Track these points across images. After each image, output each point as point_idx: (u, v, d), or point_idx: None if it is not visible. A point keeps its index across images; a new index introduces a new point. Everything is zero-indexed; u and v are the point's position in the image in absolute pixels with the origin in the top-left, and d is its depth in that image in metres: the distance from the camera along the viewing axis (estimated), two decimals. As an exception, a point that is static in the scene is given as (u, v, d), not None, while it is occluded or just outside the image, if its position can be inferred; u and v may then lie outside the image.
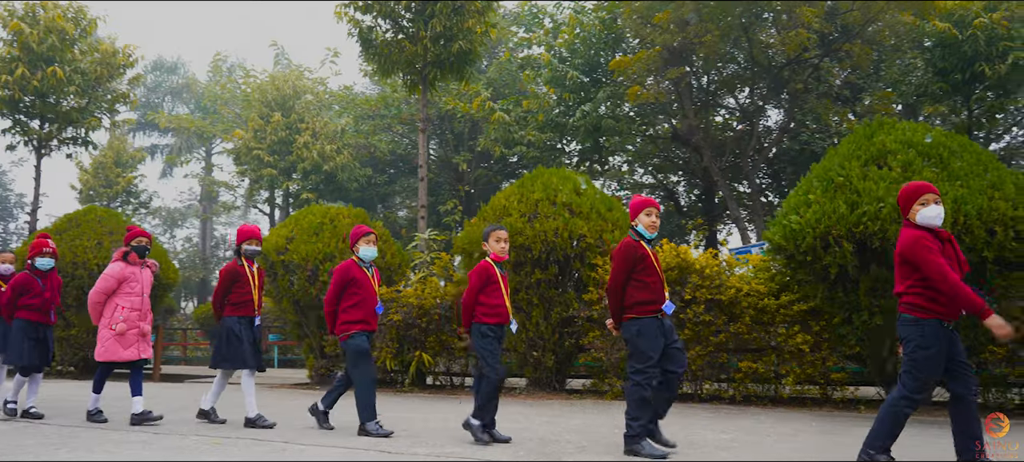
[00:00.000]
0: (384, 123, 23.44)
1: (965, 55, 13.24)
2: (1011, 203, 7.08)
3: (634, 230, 5.19)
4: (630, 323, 4.99)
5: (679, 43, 13.89)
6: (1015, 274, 7.30)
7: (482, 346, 5.52)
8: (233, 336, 6.36)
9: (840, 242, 7.40)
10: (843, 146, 8.25)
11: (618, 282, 5.03)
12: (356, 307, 5.95)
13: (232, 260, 6.62)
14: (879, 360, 7.97)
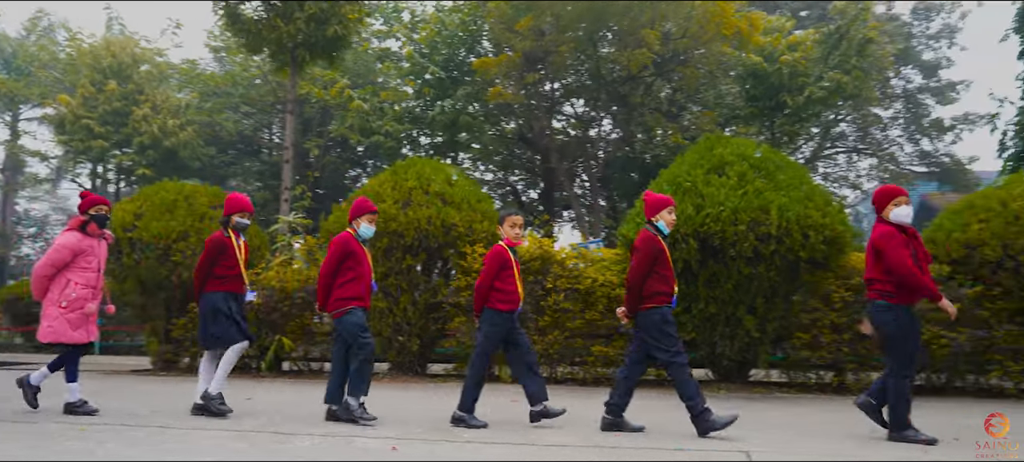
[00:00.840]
0: (231, 102, 21.90)
1: (772, 86, 14.88)
2: (821, 212, 8.08)
3: (653, 225, 5.30)
4: (651, 312, 5.10)
5: (536, 50, 14.33)
6: (820, 272, 8.35)
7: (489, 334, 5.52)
8: (220, 313, 5.76)
9: (687, 239, 8.04)
10: (688, 156, 8.95)
11: (641, 274, 5.10)
12: (353, 282, 5.54)
13: (218, 231, 6.00)
14: (710, 345, 8.73)
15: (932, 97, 24.88)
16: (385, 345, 9.87)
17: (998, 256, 8.11)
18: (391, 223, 8.84)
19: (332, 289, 5.57)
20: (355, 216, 5.76)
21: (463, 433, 5.25)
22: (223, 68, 23.93)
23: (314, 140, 20.52)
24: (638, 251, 5.19)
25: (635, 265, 5.17)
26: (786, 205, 7.89)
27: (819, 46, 14.61)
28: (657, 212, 5.30)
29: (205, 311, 5.84)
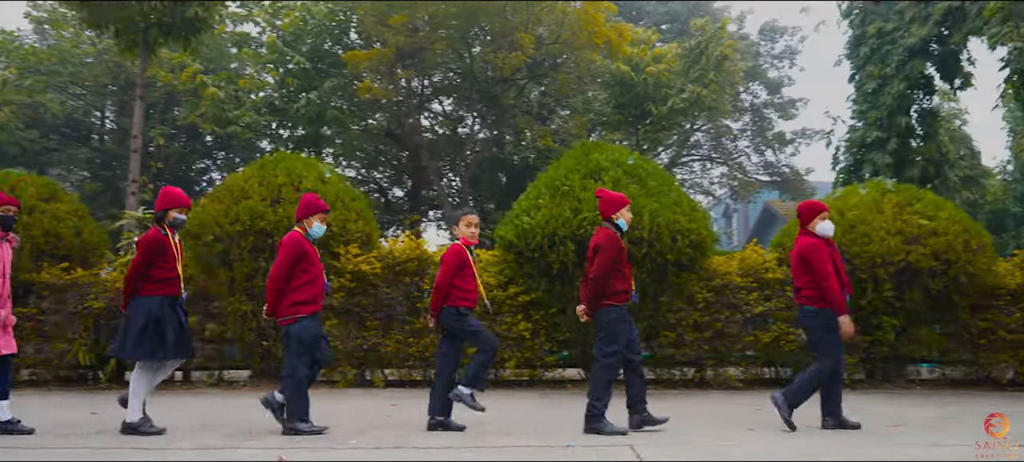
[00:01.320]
0: (58, 81, 19.86)
1: (638, 95, 15.82)
2: (687, 217, 8.72)
3: (612, 222, 5.51)
4: (609, 309, 5.30)
5: (409, 46, 14.27)
6: (685, 274, 9.01)
7: (462, 325, 5.56)
8: (157, 320, 5.23)
9: (565, 242, 8.38)
10: (565, 160, 9.33)
11: (606, 271, 5.27)
12: (308, 286, 5.32)
13: (152, 229, 5.47)
14: (584, 344, 9.14)
15: (775, 112, 27.42)
16: (248, 351, 9.45)
17: (838, 260, 9.16)
18: (258, 221, 8.48)
19: (285, 294, 5.30)
20: (305, 215, 5.54)
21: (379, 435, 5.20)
22: (45, 42, 21.66)
23: (159, 128, 19.10)
24: (602, 249, 5.38)
25: (600, 262, 5.33)
26: (657, 211, 8.44)
27: (681, 60, 15.75)
28: (617, 210, 5.55)
29: (138, 318, 5.27)
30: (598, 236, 5.49)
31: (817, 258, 5.47)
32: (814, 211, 5.79)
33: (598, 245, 5.43)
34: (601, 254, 5.37)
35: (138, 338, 5.22)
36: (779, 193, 27.97)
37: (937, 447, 5.09)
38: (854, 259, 9.06)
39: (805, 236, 5.74)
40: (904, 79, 14.95)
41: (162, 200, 5.58)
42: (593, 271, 5.37)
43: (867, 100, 15.73)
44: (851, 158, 16.19)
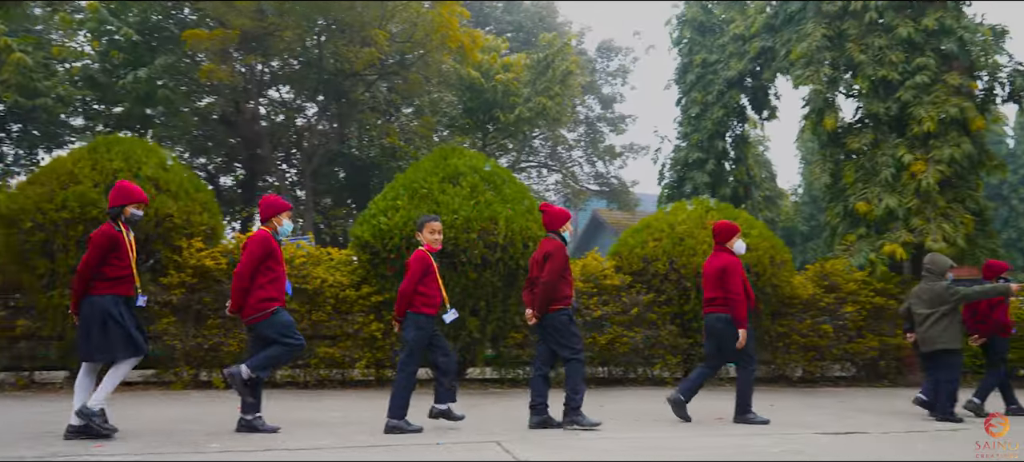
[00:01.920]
0: None
1: (487, 101, 16.33)
2: (539, 225, 9.24)
3: (559, 235, 6.07)
4: (558, 313, 5.84)
5: (255, 30, 13.67)
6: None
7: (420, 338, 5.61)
8: (111, 319, 5.04)
9: (422, 244, 8.58)
10: (424, 163, 9.53)
11: (556, 277, 5.79)
12: (274, 283, 5.42)
13: (106, 224, 5.25)
14: (436, 345, 9.39)
15: (607, 126, 29.29)
16: (68, 351, 8.67)
17: (666, 269, 10.17)
18: (90, 209, 7.84)
19: (251, 292, 5.34)
20: (273, 214, 5.63)
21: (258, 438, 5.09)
22: None
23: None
24: (552, 257, 5.87)
25: (551, 269, 5.82)
26: (512, 217, 8.90)
27: (528, 70, 16.46)
28: (562, 223, 6.15)
29: (91, 317, 5.06)
30: (548, 245, 6.00)
31: (735, 274, 6.41)
32: (731, 231, 6.70)
33: (548, 253, 5.92)
34: (551, 261, 5.86)
35: (101, 340, 5.04)
36: (607, 202, 29.87)
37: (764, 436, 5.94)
38: (681, 269, 10.12)
39: (724, 253, 6.62)
40: (722, 107, 16.68)
41: (118, 196, 5.36)
42: (545, 277, 5.83)
43: (691, 123, 17.37)
44: (675, 175, 17.79)
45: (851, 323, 11.01)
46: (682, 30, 18.16)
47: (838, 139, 12.53)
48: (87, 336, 5.09)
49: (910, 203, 11.13)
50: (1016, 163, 24.45)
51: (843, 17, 12.27)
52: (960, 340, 7.26)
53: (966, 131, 11.23)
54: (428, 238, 5.86)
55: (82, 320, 5.14)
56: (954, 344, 7.13)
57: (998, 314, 7.93)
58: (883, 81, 11.74)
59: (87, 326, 5.09)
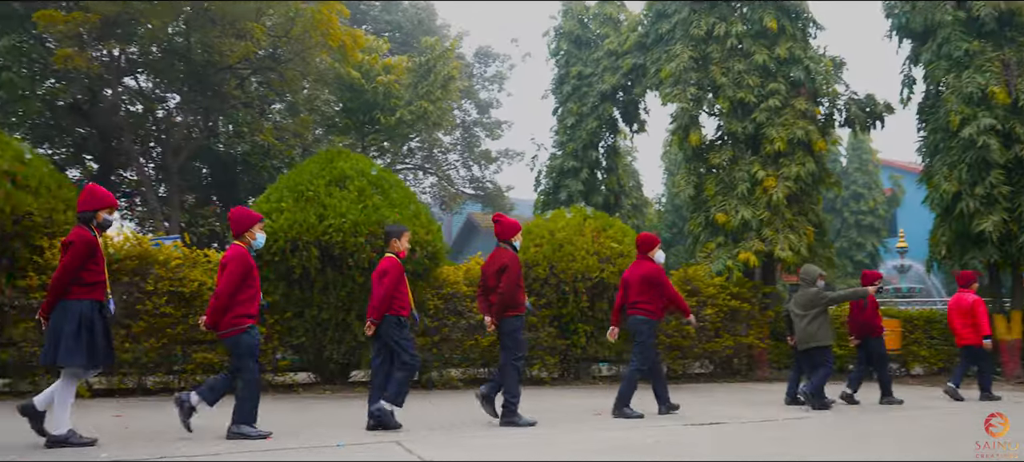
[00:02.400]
0: None
1: (367, 102, 16.26)
2: (425, 230, 9.47)
3: (511, 244, 6.57)
4: (512, 319, 6.32)
5: (118, 14, 12.83)
6: (420, 282, 9.74)
7: (401, 336, 6.02)
8: (86, 325, 5.04)
9: (308, 247, 8.55)
10: (309, 166, 9.47)
11: (512, 286, 6.28)
12: (252, 300, 5.58)
13: (81, 229, 5.18)
14: (318, 349, 9.35)
15: (483, 131, 29.83)
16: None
17: (546, 274, 10.68)
18: (-66, 204, 7.19)
19: (231, 308, 5.47)
20: (246, 227, 5.74)
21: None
22: None
23: None
24: (508, 268, 6.36)
25: (508, 279, 6.33)
26: (400, 222, 9.03)
27: (410, 74, 16.54)
28: (515, 234, 6.67)
29: (67, 322, 5.01)
30: (503, 257, 6.48)
31: (665, 281, 7.34)
32: (652, 243, 7.54)
33: (504, 265, 6.39)
34: (508, 272, 6.34)
35: (73, 344, 4.98)
36: (482, 206, 30.40)
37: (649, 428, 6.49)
38: (561, 274, 10.67)
39: (647, 262, 7.40)
40: (596, 119, 17.58)
41: (91, 200, 5.31)
42: (502, 286, 6.31)
43: (566, 132, 18.16)
44: (551, 182, 18.52)
45: (710, 324, 12.03)
46: (559, 42, 18.94)
47: (701, 154, 13.63)
48: (57, 340, 5.02)
49: (762, 215, 12.33)
50: (848, 180, 27.41)
51: (708, 41, 13.39)
52: (831, 338, 8.35)
53: (810, 151, 12.62)
54: (401, 246, 6.38)
55: (53, 325, 5.07)
56: (826, 341, 8.18)
57: (867, 316, 9.12)
58: (741, 103, 12.93)
59: (58, 331, 5.03)
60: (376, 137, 16.71)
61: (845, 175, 27.62)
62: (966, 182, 11.50)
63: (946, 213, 12.03)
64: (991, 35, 11.93)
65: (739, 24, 13.08)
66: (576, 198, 17.66)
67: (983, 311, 9.25)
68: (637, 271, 7.34)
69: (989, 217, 11.17)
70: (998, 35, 11.92)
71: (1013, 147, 11.34)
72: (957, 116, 11.49)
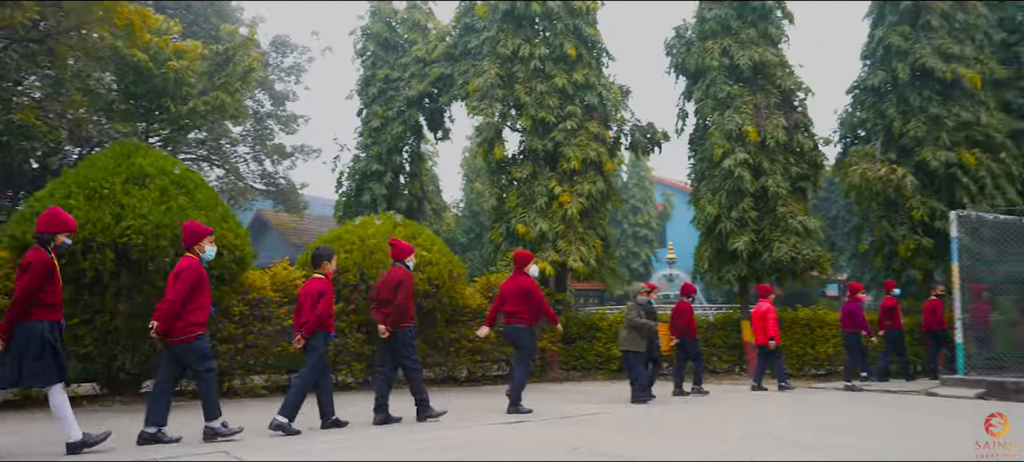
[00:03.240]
0: None
1: (156, 88, 15.16)
2: (234, 233, 9.31)
3: (404, 264, 7.59)
4: (407, 329, 7.32)
5: None
6: (225, 287, 9.54)
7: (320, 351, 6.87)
8: (47, 345, 5.33)
9: (103, 249, 8.06)
10: (102, 161, 8.87)
11: (408, 301, 7.28)
12: (202, 309, 6.04)
13: (40, 251, 5.46)
14: (108, 358, 8.80)
15: (278, 124, 28.81)
16: None
17: (356, 280, 10.94)
18: None
19: (181, 316, 5.90)
20: (198, 240, 6.25)
21: None
22: None
23: None
24: (404, 284, 7.31)
25: (404, 293, 7.28)
26: (208, 224, 8.80)
27: (205, 62, 15.67)
28: (408, 254, 7.69)
29: (28, 342, 5.27)
30: (399, 274, 7.44)
31: (538, 293, 8.41)
32: (527, 259, 8.61)
33: (401, 280, 7.36)
34: (404, 287, 7.30)
35: (38, 366, 5.26)
36: (273, 203, 29.34)
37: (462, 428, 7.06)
38: (371, 280, 10.96)
39: (523, 276, 8.42)
40: (402, 123, 18.00)
41: (51, 223, 5.59)
42: (399, 299, 7.25)
43: (371, 135, 18.35)
44: (354, 185, 18.59)
45: (510, 329, 12.99)
46: (366, 43, 19.09)
47: (504, 167, 14.63)
48: (19, 362, 5.26)
49: (558, 228, 13.57)
50: (627, 194, 30.46)
51: (514, 61, 14.42)
52: (640, 344, 9.95)
53: (601, 171, 14.11)
54: (331, 268, 7.28)
55: (15, 346, 5.27)
56: (635, 347, 9.87)
57: (682, 321, 11.23)
58: (542, 122, 14.11)
59: (21, 352, 5.26)
60: (163, 125, 15.61)
61: (625, 190, 30.64)
62: (725, 207, 13.61)
63: (709, 232, 14.12)
64: (748, 81, 14.23)
65: (543, 47, 14.25)
66: (379, 202, 17.93)
67: (773, 318, 11.72)
68: (514, 284, 8.44)
69: (741, 237, 13.34)
70: (752, 82, 14.24)
71: (761, 178, 13.64)
72: (719, 149, 13.57)
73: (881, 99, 14.61)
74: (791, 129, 13.89)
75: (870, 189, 13.50)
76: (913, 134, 13.81)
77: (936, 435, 7.01)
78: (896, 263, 14.30)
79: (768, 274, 13.86)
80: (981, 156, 13.73)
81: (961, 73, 13.67)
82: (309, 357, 6.86)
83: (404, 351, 7.34)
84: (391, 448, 6.02)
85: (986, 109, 14.08)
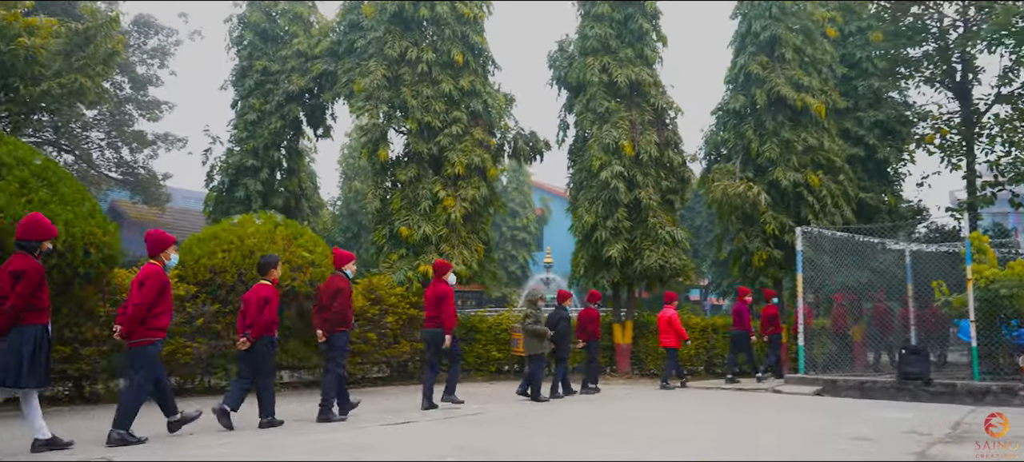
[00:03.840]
0: None
1: (3, 65, 13.96)
2: (102, 230, 8.89)
3: (344, 272, 8.22)
4: (341, 334, 7.91)
5: None
6: (90, 287, 9.09)
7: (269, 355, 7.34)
8: (39, 349, 5.64)
9: (-46, 245, 7.50)
10: (-50, 146, 8.22)
11: (345, 308, 7.85)
12: (165, 313, 6.36)
13: (29, 257, 5.74)
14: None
15: (138, 109, 27.15)
16: None
17: (235, 281, 10.70)
18: None
19: (146, 320, 6.17)
20: (161, 249, 6.54)
21: None
22: None
23: None
24: (343, 293, 7.91)
25: (342, 302, 7.87)
26: (72, 221, 8.38)
27: (61, 40, 14.58)
28: (346, 262, 8.31)
29: (25, 346, 5.57)
30: (339, 282, 8.06)
31: (450, 300, 9.11)
32: (446, 269, 9.39)
33: (339, 288, 7.95)
34: (342, 296, 7.91)
35: (30, 367, 5.53)
36: (131, 194, 27.66)
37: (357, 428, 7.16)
38: (251, 282, 10.75)
39: (442, 284, 9.19)
40: (281, 118, 17.62)
41: (34, 230, 5.87)
42: (336, 306, 7.83)
43: (247, 128, 17.82)
44: (227, 179, 17.98)
45: (391, 331, 13.12)
46: (243, 32, 18.50)
47: (388, 169, 14.72)
48: (20, 363, 5.51)
49: (441, 231, 13.84)
50: (506, 198, 31.15)
51: (401, 63, 14.54)
52: (538, 348, 10.83)
53: (484, 177, 14.52)
54: (277, 275, 7.67)
55: (11, 347, 5.51)
56: (534, 350, 10.81)
57: (590, 327, 12.33)
58: (428, 126, 14.33)
59: (18, 354, 5.50)
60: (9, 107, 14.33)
61: (504, 194, 31.32)
62: (601, 216, 14.41)
63: (586, 239, 14.87)
64: (625, 98, 15.13)
65: (430, 52, 14.47)
66: (254, 198, 17.48)
67: (678, 321, 13.00)
68: (433, 291, 9.27)
69: (616, 245, 14.17)
70: (629, 99, 15.16)
71: (634, 190, 14.55)
72: (598, 161, 14.35)
73: (741, 121, 15.97)
74: (662, 145, 14.91)
75: (730, 204, 14.74)
76: (768, 155, 15.20)
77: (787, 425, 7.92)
78: (751, 272, 15.67)
79: (639, 280, 14.80)
80: (823, 178, 15.34)
81: (809, 102, 15.22)
82: (243, 362, 7.38)
83: (335, 354, 7.95)
84: (285, 449, 6.09)
85: (829, 135, 15.75)
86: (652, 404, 10.58)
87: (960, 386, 10.73)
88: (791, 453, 6.04)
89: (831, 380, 11.96)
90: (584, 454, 6.01)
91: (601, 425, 8.16)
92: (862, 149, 16.98)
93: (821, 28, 16.50)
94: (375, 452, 6.10)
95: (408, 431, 7.40)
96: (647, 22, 15.27)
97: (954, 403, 10.40)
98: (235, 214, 17.39)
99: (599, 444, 6.50)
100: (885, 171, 17.74)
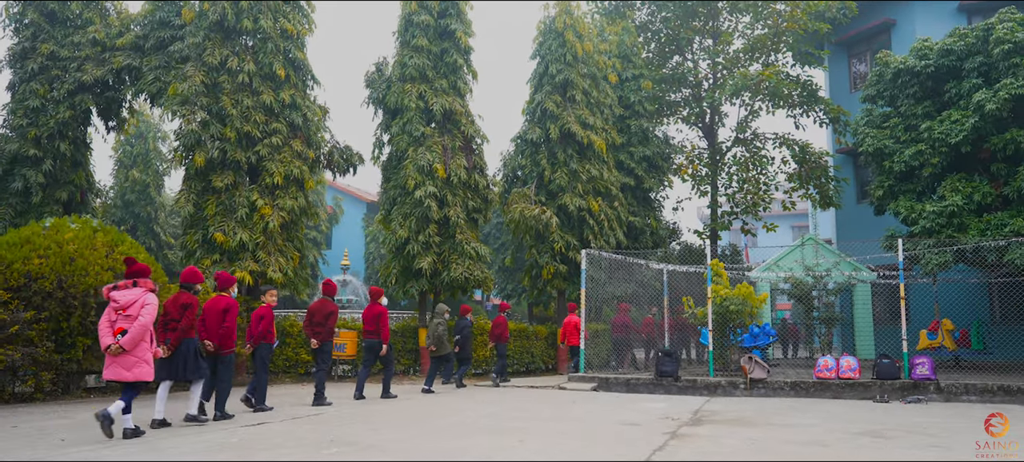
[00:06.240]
0: None
1: None
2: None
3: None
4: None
5: None
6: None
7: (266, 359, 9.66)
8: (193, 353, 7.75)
9: None
10: None
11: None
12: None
13: (190, 294, 8.07)
14: None
15: None
16: None
17: (53, 287, 10.79)
18: None
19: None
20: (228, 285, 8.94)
21: None
22: None
23: None
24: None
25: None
26: None
27: None
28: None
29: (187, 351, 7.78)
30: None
31: (386, 319, 11.68)
32: (380, 293, 12.01)
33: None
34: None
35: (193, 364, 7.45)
36: None
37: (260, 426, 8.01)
38: (71, 288, 10.93)
39: (377, 306, 11.69)
40: (70, 108, 16.98)
41: (195, 276, 8.02)
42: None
43: (28, 116, 16.91)
44: (1, 169, 16.91)
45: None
46: (25, 10, 17.50)
47: (204, 175, 15.08)
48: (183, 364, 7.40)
49: (258, 238, 14.56)
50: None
51: (221, 71, 14.98)
52: (441, 351, 13.70)
53: (302, 188, 15.44)
54: (272, 300, 9.91)
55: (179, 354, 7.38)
56: (440, 353, 13.73)
57: (498, 332, 15.00)
58: (247, 135, 14.94)
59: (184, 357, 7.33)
60: None
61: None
62: (413, 231, 16.02)
63: (398, 251, 16.38)
64: (439, 124, 16.87)
65: (251, 63, 15.09)
66: (35, 190, 16.76)
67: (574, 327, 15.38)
68: (371, 311, 11.79)
69: (426, 258, 15.86)
70: (442, 125, 16.93)
71: (444, 208, 16.35)
72: (413, 181, 15.95)
73: (537, 151, 18.47)
74: (470, 169, 16.89)
75: (526, 224, 17.10)
76: (558, 182, 17.82)
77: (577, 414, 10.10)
78: (540, 283, 18.20)
79: (446, 290, 16.62)
80: (602, 204, 18.30)
81: (593, 138, 18.08)
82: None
83: (321, 357, 10.73)
84: (166, 451, 6.96)
85: (607, 167, 18.77)
86: (479, 399, 12.43)
87: (699, 381, 13.85)
88: (588, 435, 8.15)
89: (604, 377, 14.66)
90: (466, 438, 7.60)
91: (437, 420, 9.77)
92: (632, 179, 20.34)
93: (604, 73, 19.54)
94: (252, 451, 7.19)
95: (277, 429, 8.46)
96: (461, 57, 17.16)
97: (696, 395, 13.44)
98: (9, 207, 16.50)
99: (439, 437, 8.12)
100: (649, 198, 21.35)
